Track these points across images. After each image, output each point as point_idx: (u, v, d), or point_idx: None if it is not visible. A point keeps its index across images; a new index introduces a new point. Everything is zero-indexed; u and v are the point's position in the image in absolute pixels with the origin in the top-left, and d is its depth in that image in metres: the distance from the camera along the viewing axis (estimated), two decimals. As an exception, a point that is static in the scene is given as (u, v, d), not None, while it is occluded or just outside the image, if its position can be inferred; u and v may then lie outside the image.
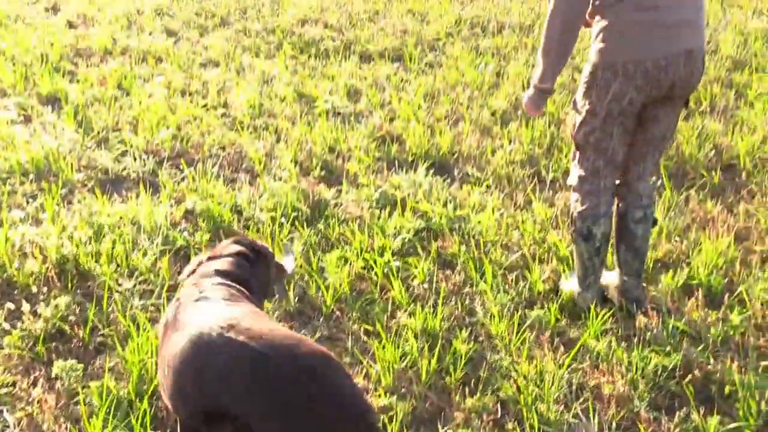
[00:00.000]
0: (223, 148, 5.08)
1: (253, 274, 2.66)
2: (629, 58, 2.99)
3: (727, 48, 7.21)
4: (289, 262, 3.00)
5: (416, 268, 3.70)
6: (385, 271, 3.67)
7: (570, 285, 3.57)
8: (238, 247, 2.71)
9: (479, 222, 4.11)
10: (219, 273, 2.54)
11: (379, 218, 4.15)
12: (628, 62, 2.99)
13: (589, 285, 3.44)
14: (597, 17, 3.09)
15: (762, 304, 3.49)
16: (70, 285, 3.51)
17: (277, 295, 3.02)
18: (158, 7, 8.49)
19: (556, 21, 3.03)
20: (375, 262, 3.71)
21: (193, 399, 2.17)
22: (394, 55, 7.09)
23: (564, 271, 3.73)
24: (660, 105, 3.14)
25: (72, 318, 3.30)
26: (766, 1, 9.49)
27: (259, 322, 2.20)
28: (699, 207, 4.41)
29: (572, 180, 3.37)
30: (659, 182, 4.64)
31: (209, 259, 2.66)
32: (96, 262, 3.66)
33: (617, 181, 3.35)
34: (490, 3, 9.08)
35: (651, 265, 3.78)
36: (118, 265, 3.66)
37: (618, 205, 3.39)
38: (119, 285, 3.50)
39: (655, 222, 3.44)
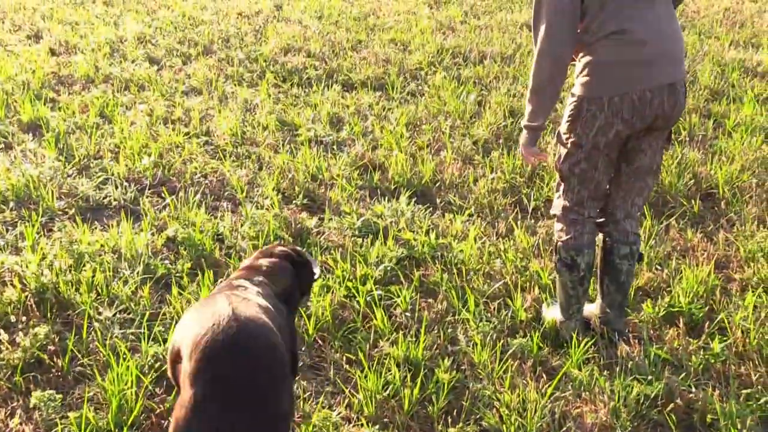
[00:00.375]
0: (206, 176, 5.07)
1: (296, 274, 2.94)
2: (615, 92, 3.03)
3: (705, 78, 7.31)
4: (315, 268, 3.12)
5: (399, 296, 3.70)
6: (368, 299, 3.66)
7: (552, 313, 3.58)
8: (285, 249, 3.01)
9: (461, 250, 4.13)
10: (260, 272, 2.81)
11: (361, 246, 4.15)
12: (614, 95, 3.03)
13: (572, 314, 3.46)
14: (582, 53, 3.13)
15: (742, 332, 3.51)
16: (49, 314, 3.48)
17: (305, 298, 3.17)
18: (141, 35, 8.50)
19: (545, 61, 3.08)
20: (357, 291, 3.71)
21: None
22: (377, 84, 7.13)
23: (546, 299, 3.75)
24: (644, 136, 3.19)
25: (51, 347, 3.26)
26: (743, 33, 9.65)
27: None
28: (679, 235, 4.44)
29: (556, 210, 3.40)
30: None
31: (257, 257, 2.96)
32: (76, 290, 3.63)
33: (603, 219, 3.39)
34: (471, 33, 9.16)
35: (632, 294, 3.79)
36: (98, 294, 3.64)
37: (605, 240, 3.41)
38: (99, 314, 3.47)
39: (641, 258, 3.48)
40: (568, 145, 3.21)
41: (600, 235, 3.47)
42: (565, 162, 3.25)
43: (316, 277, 3.09)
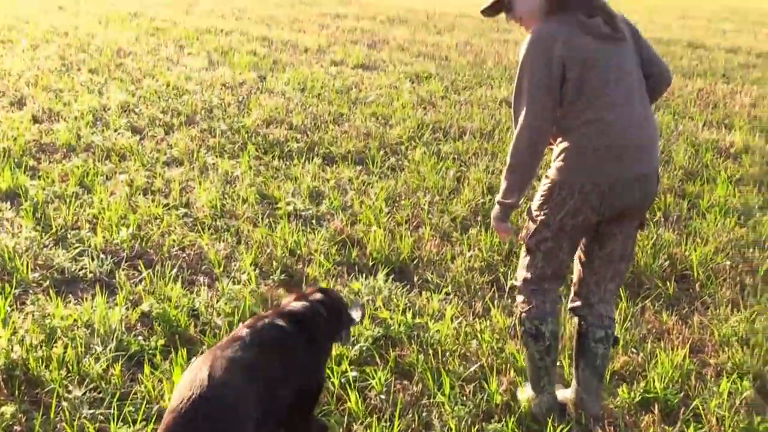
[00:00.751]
0: (183, 249, 5.06)
1: (327, 319, 3.18)
2: (587, 180, 3.10)
3: (679, 158, 7.45)
4: (357, 312, 3.42)
5: (374, 378, 3.67)
6: (342, 381, 3.63)
7: (526, 393, 3.58)
8: (319, 295, 3.26)
9: (438, 330, 4.12)
10: (288, 314, 3.07)
11: (337, 325, 4.13)
12: (586, 183, 3.10)
13: (543, 387, 3.45)
14: (560, 138, 3.20)
15: (717, 420, 3.51)
16: (17, 392, 3.42)
17: (342, 340, 3.36)
18: (125, 104, 8.58)
19: (523, 142, 3.15)
20: (332, 371, 3.68)
21: None
22: (357, 157, 7.20)
23: (521, 382, 3.73)
24: (615, 223, 3.24)
25: (17, 428, 3.20)
26: (716, 114, 9.88)
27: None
28: (654, 318, 4.46)
29: (517, 281, 3.46)
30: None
31: (295, 299, 3.22)
32: (46, 367, 3.58)
33: (579, 302, 3.44)
34: (451, 108, 9.31)
35: (608, 378, 3.79)
36: (68, 371, 3.58)
37: (580, 323, 3.45)
38: (69, 392, 3.41)
39: (616, 341, 3.51)
40: (537, 222, 3.27)
41: (576, 319, 3.49)
42: (533, 237, 3.30)
43: (355, 322, 3.42)
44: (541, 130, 3.14)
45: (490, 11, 3.45)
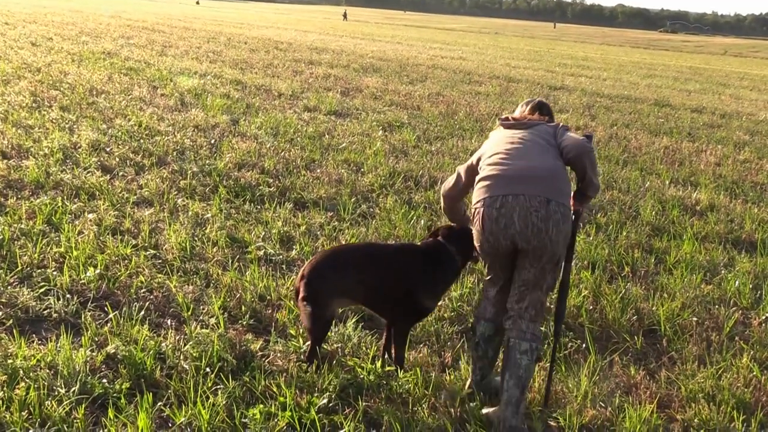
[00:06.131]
0: (151, 291, 5.00)
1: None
2: (474, 202, 3.81)
3: (647, 214, 7.56)
4: None
5: (342, 428, 3.63)
6: (311, 429, 3.58)
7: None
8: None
9: (407, 380, 4.09)
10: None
11: (306, 372, 4.09)
12: (474, 206, 3.79)
13: (474, 371, 4.08)
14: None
15: (684, 477, 3.51)
16: (-25, 434, 3.32)
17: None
18: (96, 143, 8.53)
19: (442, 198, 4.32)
20: (301, 419, 3.63)
21: None
22: (329, 203, 7.21)
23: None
24: (523, 255, 3.72)
25: (-26, 471, 3.10)
26: (682, 171, 10.08)
27: None
28: (623, 372, 4.49)
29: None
30: (583, 345, 4.74)
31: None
32: (7, 409, 3.48)
33: (506, 317, 3.85)
34: (423, 158, 9.39)
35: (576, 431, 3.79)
36: (30, 414, 3.49)
37: (508, 339, 3.80)
38: (29, 436, 3.32)
39: (538, 359, 3.98)
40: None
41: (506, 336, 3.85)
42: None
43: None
44: (450, 196, 4.35)
45: None
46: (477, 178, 3.86)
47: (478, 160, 3.99)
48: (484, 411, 3.83)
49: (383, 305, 4.17)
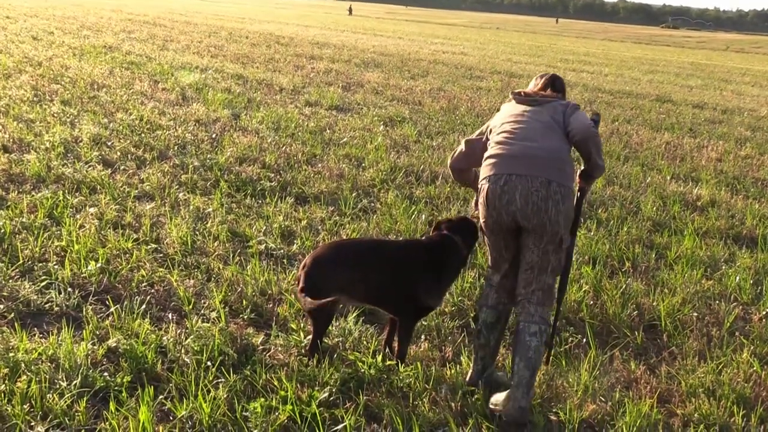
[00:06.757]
0: (152, 285, 5.00)
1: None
2: (481, 179, 3.93)
3: (648, 209, 7.57)
4: None
5: (343, 421, 3.64)
6: (312, 423, 3.59)
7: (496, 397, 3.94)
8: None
9: (408, 374, 4.10)
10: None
11: (307, 366, 4.10)
12: (481, 182, 3.91)
13: (475, 360, 4.12)
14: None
15: (684, 471, 3.52)
16: (-23, 427, 3.33)
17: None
18: (97, 137, 8.53)
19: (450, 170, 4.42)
20: (302, 412, 3.63)
21: None
22: (330, 198, 7.21)
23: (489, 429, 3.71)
24: (526, 235, 3.82)
25: (-24, 464, 3.11)
26: (683, 167, 10.07)
27: None
28: (623, 367, 4.49)
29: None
30: (584, 340, 4.74)
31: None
32: (8, 402, 3.49)
33: (515, 301, 3.96)
34: (424, 153, 9.40)
35: (576, 426, 3.79)
36: (31, 407, 3.50)
37: (518, 322, 3.90)
38: (31, 428, 3.33)
39: (550, 346, 4.15)
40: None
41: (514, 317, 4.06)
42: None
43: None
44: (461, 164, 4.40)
45: None
46: (485, 154, 3.97)
47: (488, 131, 4.12)
48: (493, 399, 3.87)
49: (388, 302, 4.18)
